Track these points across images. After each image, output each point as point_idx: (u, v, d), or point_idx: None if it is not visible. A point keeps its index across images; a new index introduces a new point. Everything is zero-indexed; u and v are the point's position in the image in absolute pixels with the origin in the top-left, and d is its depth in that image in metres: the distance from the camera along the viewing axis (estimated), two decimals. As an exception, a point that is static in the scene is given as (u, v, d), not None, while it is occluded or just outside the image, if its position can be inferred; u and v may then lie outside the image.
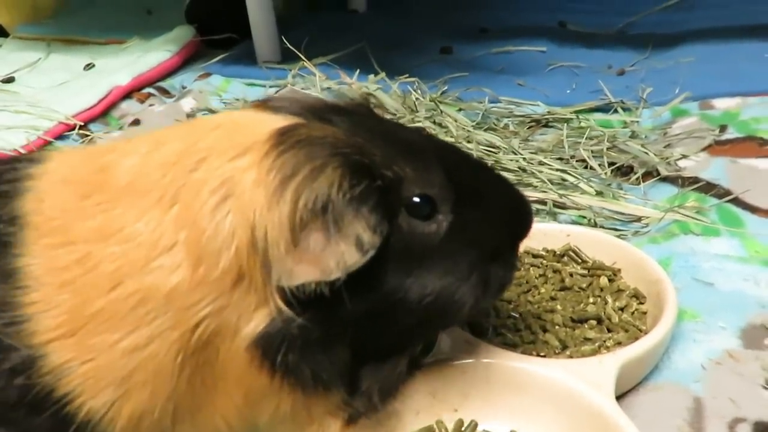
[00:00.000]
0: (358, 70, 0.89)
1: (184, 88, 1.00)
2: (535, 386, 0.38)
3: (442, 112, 0.76)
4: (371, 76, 0.86)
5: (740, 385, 0.39)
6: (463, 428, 0.38)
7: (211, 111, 0.86)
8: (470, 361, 0.40)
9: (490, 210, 0.36)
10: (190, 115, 0.91)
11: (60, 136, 0.83)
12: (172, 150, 0.32)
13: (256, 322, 0.30)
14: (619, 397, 0.38)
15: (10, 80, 1.03)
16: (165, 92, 0.99)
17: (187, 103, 0.93)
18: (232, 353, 0.31)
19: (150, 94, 0.96)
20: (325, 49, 1.00)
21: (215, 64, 1.03)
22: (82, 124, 0.85)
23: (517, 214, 0.37)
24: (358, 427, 0.35)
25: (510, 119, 0.79)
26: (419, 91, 0.83)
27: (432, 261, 0.33)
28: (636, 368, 0.40)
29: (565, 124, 0.77)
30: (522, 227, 0.38)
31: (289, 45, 0.93)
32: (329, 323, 0.31)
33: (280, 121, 0.33)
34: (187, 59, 1.07)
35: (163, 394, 0.30)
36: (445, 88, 0.89)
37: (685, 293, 0.47)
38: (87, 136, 0.84)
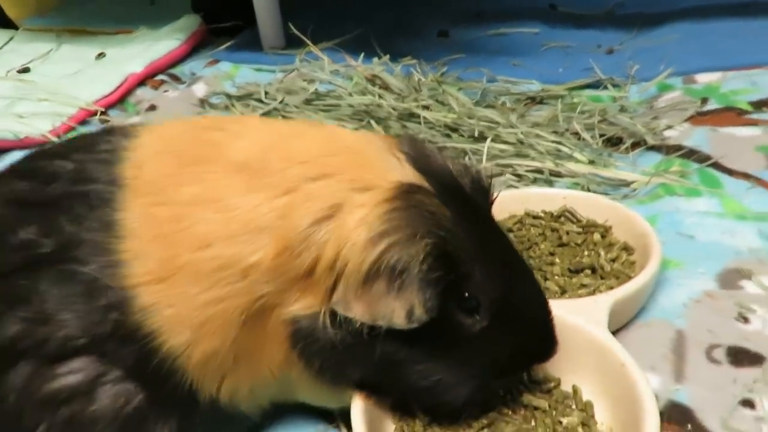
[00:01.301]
0: (363, 54, 0.94)
1: (194, 74, 1.05)
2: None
3: (444, 91, 0.81)
4: (375, 59, 0.91)
5: (716, 318, 0.45)
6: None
7: (227, 95, 0.90)
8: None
9: (519, 331, 0.38)
10: (203, 100, 0.95)
11: (82, 122, 0.88)
12: (303, 149, 0.37)
13: (302, 313, 0.36)
14: (613, 333, 0.43)
15: (26, 70, 1.07)
16: (176, 79, 1.04)
17: (199, 89, 0.98)
18: (279, 326, 0.36)
19: (163, 81, 1.01)
20: (327, 34, 1.04)
21: (222, 52, 1.08)
22: (103, 110, 0.90)
23: (541, 344, 0.39)
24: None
25: (507, 97, 0.84)
26: (421, 71, 0.88)
27: (451, 352, 0.37)
28: (626, 307, 0.46)
29: (559, 101, 0.82)
30: (540, 357, 0.39)
31: (295, 31, 0.97)
32: (350, 348, 0.36)
33: (407, 174, 0.37)
34: (195, 47, 1.12)
35: (227, 342, 0.36)
36: (445, 69, 0.94)
37: (670, 245, 0.53)
38: (107, 121, 0.88)
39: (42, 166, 0.39)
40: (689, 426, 0.39)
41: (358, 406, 0.39)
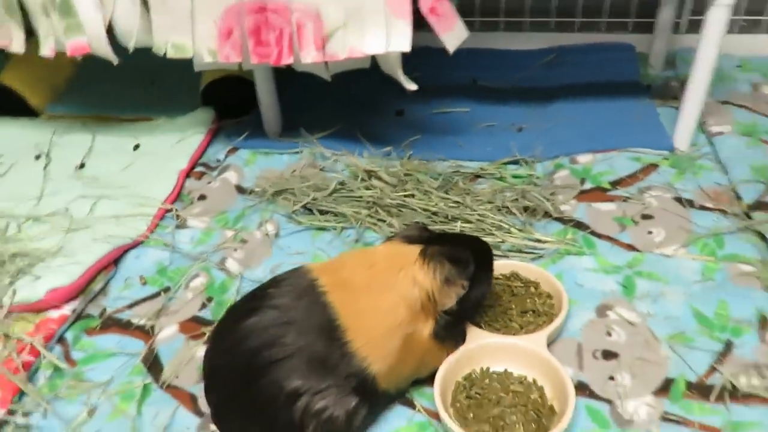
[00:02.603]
0: (349, 142, 1.30)
1: (218, 161, 1.38)
2: (512, 349, 0.85)
3: (418, 180, 1.21)
4: (365, 153, 1.29)
5: (595, 335, 0.90)
6: (484, 370, 0.85)
7: (264, 190, 1.23)
8: (481, 342, 0.87)
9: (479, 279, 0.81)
10: (238, 186, 1.29)
11: (161, 218, 1.20)
12: (386, 263, 0.78)
13: (429, 325, 0.77)
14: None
15: (82, 166, 1.35)
16: (208, 167, 1.36)
17: (231, 177, 1.30)
18: (422, 337, 0.78)
19: (202, 173, 1.33)
20: (308, 115, 1.41)
21: (238, 140, 1.41)
22: (174, 208, 1.22)
23: (484, 264, 0.84)
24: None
25: (459, 176, 1.25)
26: (396, 154, 1.27)
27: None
28: (554, 333, 0.89)
29: (492, 178, 1.24)
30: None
31: (301, 127, 1.33)
32: (454, 318, 0.79)
33: (416, 248, 0.79)
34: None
35: (396, 344, 0.76)
36: (410, 152, 1.34)
37: (570, 291, 0.95)
38: (178, 216, 1.20)
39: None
40: (587, 391, 0.83)
41: (437, 384, 0.80)
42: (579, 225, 1.09)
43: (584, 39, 1.65)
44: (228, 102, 1.49)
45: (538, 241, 1.06)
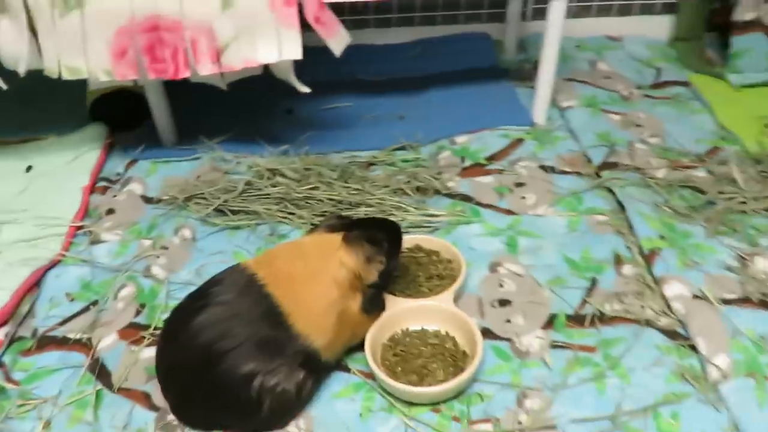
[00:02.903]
0: (247, 143, 1.39)
1: (119, 175, 1.40)
2: (425, 309, 1.00)
3: (320, 173, 1.32)
4: (265, 154, 1.38)
5: (491, 287, 1.07)
6: (404, 330, 0.99)
7: (175, 197, 1.28)
8: (399, 307, 1.00)
9: (392, 254, 0.95)
10: (144, 197, 1.33)
11: (74, 236, 1.23)
12: (314, 251, 0.89)
13: (358, 300, 0.89)
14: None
15: (-25, 192, 1.33)
16: (110, 181, 1.39)
17: (136, 188, 1.35)
18: (352, 311, 0.89)
19: (106, 187, 1.36)
20: (203, 121, 1.48)
21: (136, 152, 1.44)
22: (81, 224, 1.24)
23: (396, 241, 0.97)
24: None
25: (356, 166, 1.38)
26: (293, 151, 1.38)
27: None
28: (458, 293, 1.05)
29: (384, 165, 1.38)
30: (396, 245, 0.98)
31: (199, 134, 1.39)
32: (377, 290, 0.91)
33: (338, 235, 0.90)
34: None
35: (332, 320, 0.87)
36: (307, 147, 1.44)
37: (466, 255, 1.11)
38: (90, 232, 1.23)
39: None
40: (490, 335, 1.00)
41: (367, 348, 0.92)
42: (465, 198, 1.26)
43: (446, 31, 1.83)
44: (117, 116, 1.51)
45: (433, 215, 1.22)
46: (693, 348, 0.94)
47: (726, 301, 0.99)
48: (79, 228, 1.23)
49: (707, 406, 0.87)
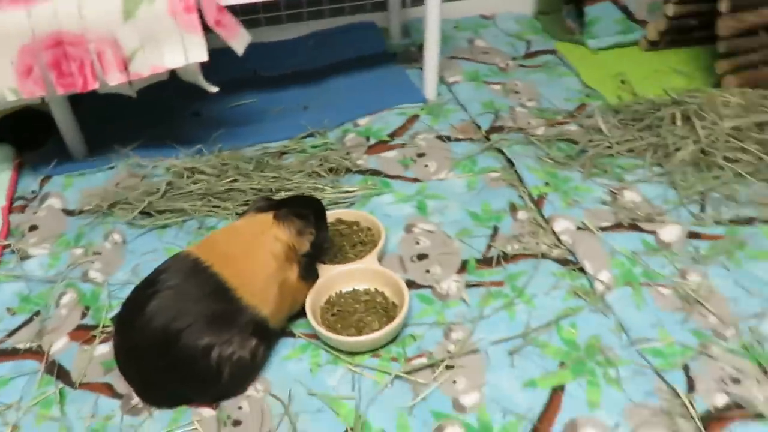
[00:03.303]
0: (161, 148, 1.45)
1: (34, 192, 1.42)
2: (355, 272, 1.12)
3: (237, 166, 1.40)
4: (180, 156, 1.44)
5: (409, 246, 1.20)
6: (338, 293, 1.10)
7: (99, 205, 1.33)
8: (331, 273, 1.12)
9: (320, 225, 1.07)
10: (65, 210, 1.36)
11: (1, 255, 1.24)
12: (250, 231, 0.98)
13: (295, 270, 0.99)
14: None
15: None
16: (26, 200, 1.40)
17: (55, 203, 1.38)
18: (291, 280, 0.99)
19: (24, 206, 1.37)
20: (113, 131, 1.52)
21: (47, 168, 1.46)
22: (7, 243, 1.26)
23: (320, 214, 1.08)
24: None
25: (269, 156, 1.47)
26: (206, 151, 1.45)
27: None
28: (380, 254, 1.17)
29: (296, 152, 1.48)
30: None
31: (112, 143, 1.43)
32: (311, 259, 1.02)
33: (268, 214, 1.00)
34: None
35: (275, 290, 0.97)
36: (220, 145, 1.51)
37: (383, 221, 1.22)
38: (18, 249, 1.25)
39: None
40: (414, 285, 1.13)
41: (308, 312, 1.03)
42: (374, 172, 1.39)
43: (334, 23, 1.94)
44: (22, 135, 1.52)
45: (348, 192, 1.34)
46: (582, 270, 1.12)
47: (603, 229, 1.18)
48: (6, 247, 1.25)
49: (598, 314, 1.04)
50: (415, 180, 1.36)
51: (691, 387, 0.91)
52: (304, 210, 1.03)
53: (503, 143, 1.42)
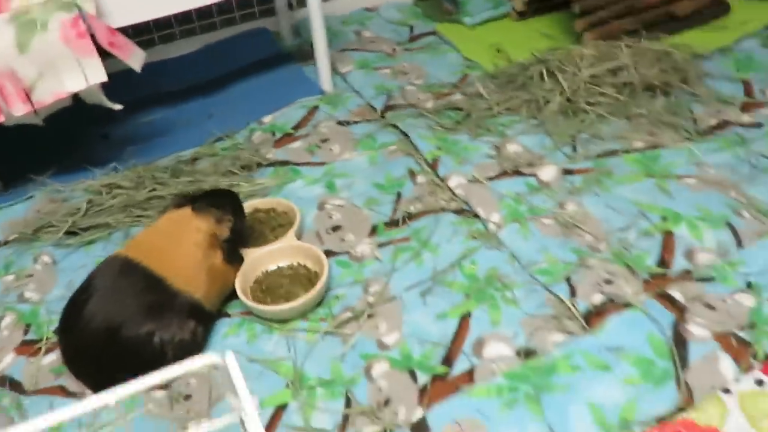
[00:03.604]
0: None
1: (-47, 233, 1.45)
2: (277, 252, 1.22)
3: (153, 176, 1.48)
4: (95, 177, 1.51)
5: (323, 220, 1.32)
6: (264, 271, 1.21)
7: (24, 233, 1.38)
8: (255, 255, 1.22)
9: (237, 213, 1.17)
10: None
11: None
12: (173, 226, 1.08)
13: (220, 255, 1.09)
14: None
15: None
16: (-51, 240, 1.43)
17: (-21, 238, 1.42)
18: (218, 264, 1.09)
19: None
20: (24, 162, 1.56)
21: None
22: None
23: (235, 202, 1.18)
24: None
25: (183, 163, 1.55)
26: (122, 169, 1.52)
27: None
28: (298, 232, 1.28)
29: (207, 156, 1.57)
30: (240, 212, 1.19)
31: (27, 174, 1.48)
32: (233, 243, 1.12)
33: (187, 208, 1.09)
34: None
35: (203, 275, 1.07)
36: (133, 161, 1.58)
37: (297, 204, 1.35)
38: None
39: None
40: (332, 254, 1.25)
41: (239, 291, 1.13)
42: (283, 163, 1.50)
43: (227, 33, 2.03)
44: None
45: (261, 184, 1.44)
46: (476, 216, 1.27)
47: (490, 179, 1.34)
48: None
49: (493, 250, 1.19)
50: (322, 163, 1.48)
51: (573, 293, 1.07)
52: (219, 200, 1.13)
53: (397, 119, 1.56)
